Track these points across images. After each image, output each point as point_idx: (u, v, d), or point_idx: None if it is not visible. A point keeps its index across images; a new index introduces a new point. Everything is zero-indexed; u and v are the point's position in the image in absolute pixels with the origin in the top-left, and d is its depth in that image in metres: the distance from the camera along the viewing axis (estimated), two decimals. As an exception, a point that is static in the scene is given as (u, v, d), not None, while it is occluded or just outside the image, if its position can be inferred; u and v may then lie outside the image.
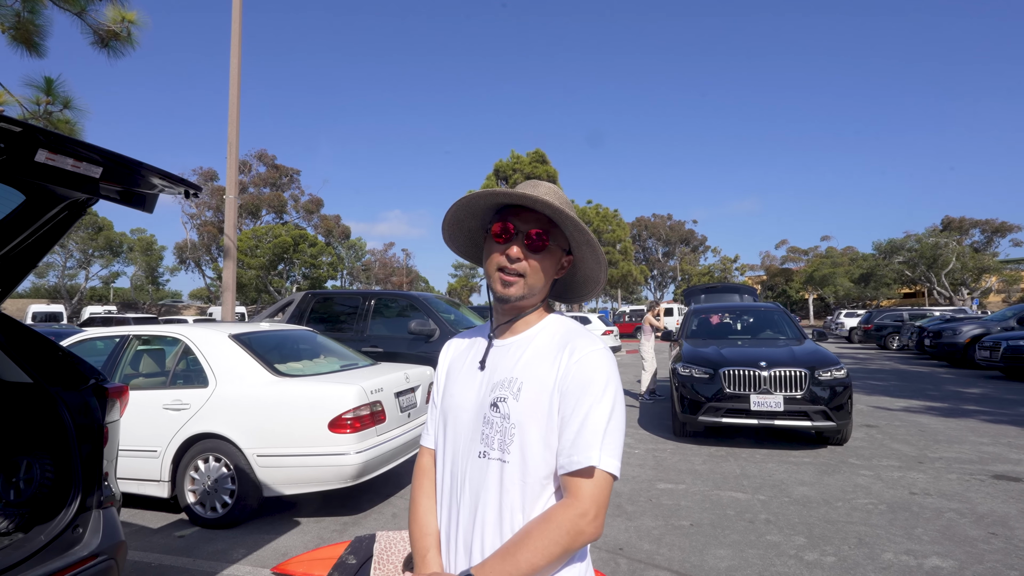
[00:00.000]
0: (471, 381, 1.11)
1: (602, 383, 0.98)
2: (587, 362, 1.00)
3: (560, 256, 1.11)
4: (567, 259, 1.12)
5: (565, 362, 1.01)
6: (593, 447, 0.94)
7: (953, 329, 14.35)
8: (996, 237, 43.14)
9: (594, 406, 0.96)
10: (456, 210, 1.11)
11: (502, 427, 1.01)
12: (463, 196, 1.07)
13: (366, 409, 3.88)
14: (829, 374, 5.65)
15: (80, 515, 2.20)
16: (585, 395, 0.97)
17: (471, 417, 1.06)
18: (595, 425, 0.95)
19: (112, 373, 4.35)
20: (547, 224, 1.06)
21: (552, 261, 1.08)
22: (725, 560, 3.25)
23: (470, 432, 1.06)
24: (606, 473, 0.94)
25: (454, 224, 1.16)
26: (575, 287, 1.21)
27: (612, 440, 0.96)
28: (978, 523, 3.75)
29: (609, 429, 0.96)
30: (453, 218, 1.14)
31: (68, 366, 2.39)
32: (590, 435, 0.95)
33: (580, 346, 1.02)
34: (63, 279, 43.43)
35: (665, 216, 62.21)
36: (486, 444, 1.02)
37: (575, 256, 1.13)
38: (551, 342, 1.06)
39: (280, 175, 46.57)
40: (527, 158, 34.56)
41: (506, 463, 1.00)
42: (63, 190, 2.00)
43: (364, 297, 7.23)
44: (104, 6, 4.67)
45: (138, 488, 4.04)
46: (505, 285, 1.04)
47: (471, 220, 1.16)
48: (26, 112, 4.53)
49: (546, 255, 1.06)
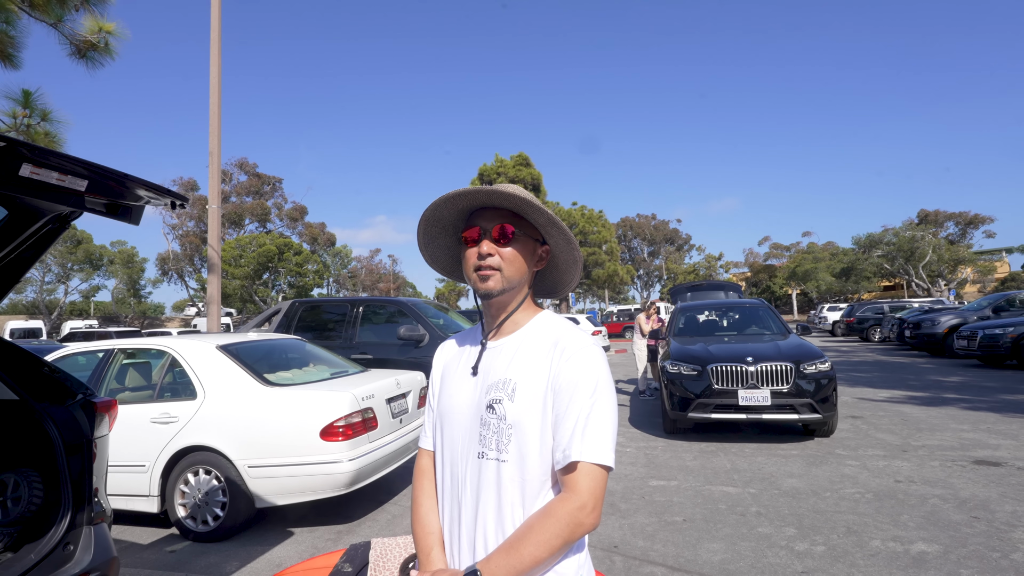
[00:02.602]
0: (465, 384, 1.13)
1: (593, 379, 1.01)
2: (578, 359, 1.02)
3: (534, 246, 1.12)
4: (543, 249, 1.14)
5: (557, 360, 1.03)
6: (587, 442, 0.97)
7: (932, 320, 14.66)
8: (970, 229, 44.16)
9: (586, 402, 0.99)
10: (425, 227, 1.15)
11: (499, 428, 1.03)
12: (423, 212, 1.10)
13: (358, 416, 3.87)
14: (814, 367, 5.76)
15: (71, 532, 2.17)
16: (577, 392, 1.00)
17: (468, 419, 1.09)
18: (588, 420, 0.98)
19: (97, 388, 4.28)
20: (511, 217, 1.09)
21: (525, 250, 1.10)
22: (718, 554, 3.30)
23: (468, 434, 1.08)
24: (601, 466, 0.97)
25: (430, 244, 1.19)
26: (558, 277, 1.22)
27: (605, 434, 0.99)
28: (961, 508, 3.85)
29: (602, 423, 0.99)
30: (425, 237, 1.17)
31: (54, 381, 2.35)
32: (584, 430, 0.98)
33: (570, 344, 1.05)
34: (41, 294, 42.49)
35: (649, 216, 62.70)
36: (484, 445, 1.05)
37: (549, 244, 1.15)
38: (542, 341, 1.09)
39: (262, 183, 46.10)
40: (511, 161, 34.63)
41: (504, 462, 1.02)
42: (47, 204, 1.98)
43: (352, 304, 7.19)
44: (81, 16, 4.61)
45: (127, 504, 3.98)
46: (483, 280, 1.07)
47: (445, 236, 1.19)
48: (2, 126, 4.45)
49: (517, 245, 1.08)
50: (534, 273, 1.15)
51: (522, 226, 1.09)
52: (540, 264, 1.15)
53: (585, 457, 0.96)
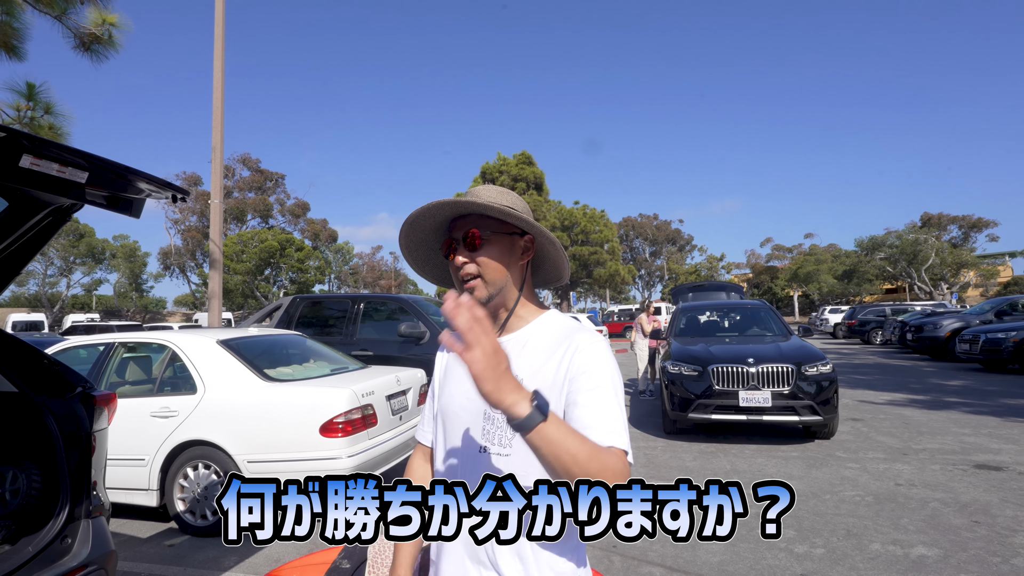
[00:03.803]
0: (467, 380, 1.09)
1: (606, 370, 1.01)
2: (589, 352, 1.02)
3: (513, 241, 1.09)
4: (525, 239, 1.11)
5: (569, 356, 1.03)
6: (607, 429, 0.94)
7: (934, 323, 14.62)
8: (973, 232, 43.99)
9: (599, 392, 0.99)
10: (409, 251, 1.17)
11: (502, 422, 1.03)
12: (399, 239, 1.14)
13: (357, 412, 3.86)
14: (815, 369, 5.74)
15: (68, 525, 2.16)
16: (589, 381, 0.99)
17: (471, 416, 1.08)
18: (604, 409, 0.97)
19: (97, 381, 4.28)
20: (480, 220, 1.07)
21: (502, 249, 1.08)
22: (717, 555, 3.29)
23: (470, 430, 1.08)
24: (622, 450, 0.95)
25: (422, 263, 1.21)
26: (550, 267, 1.20)
27: (621, 422, 0.98)
28: (961, 512, 3.83)
29: (617, 412, 0.98)
30: (415, 259, 1.20)
31: (54, 374, 2.35)
32: (601, 418, 0.96)
33: (581, 339, 1.04)
34: (44, 287, 42.59)
35: (651, 216, 62.61)
36: (487, 439, 1.05)
37: (533, 236, 1.11)
38: (551, 339, 1.08)
39: (265, 179, 46.11)
40: (513, 160, 34.62)
41: (507, 456, 1.02)
42: (48, 195, 1.97)
43: (353, 301, 7.19)
44: (85, 8, 4.60)
45: (126, 497, 3.98)
46: (469, 291, 1.06)
47: (435, 255, 1.21)
48: (6, 118, 4.45)
49: (490, 247, 1.06)
50: (526, 264, 1.13)
51: (492, 225, 1.07)
52: (528, 254, 1.12)
53: (619, 444, 0.94)
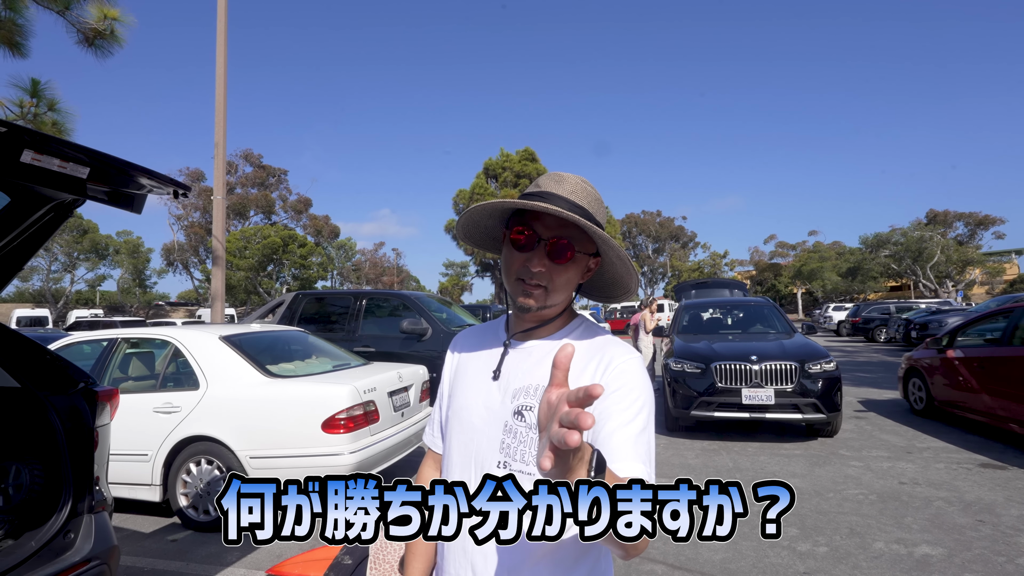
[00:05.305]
0: (483, 386, 1.03)
1: (640, 393, 0.93)
2: (623, 370, 0.94)
3: (586, 261, 0.99)
4: (594, 261, 1.01)
5: (601, 370, 0.94)
6: (631, 457, 0.86)
7: (939, 321, 14.57)
8: (979, 230, 43.73)
9: (630, 415, 0.90)
10: (471, 214, 1.03)
11: (527, 437, 0.93)
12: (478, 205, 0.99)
13: (359, 409, 3.86)
14: (819, 367, 5.71)
15: (71, 520, 2.17)
16: (622, 401, 0.91)
17: (487, 425, 0.99)
18: (635, 440, 0.88)
19: (100, 377, 4.29)
20: (572, 228, 0.95)
21: (579, 268, 0.98)
22: (719, 553, 3.28)
23: (486, 441, 0.98)
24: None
25: (469, 225, 1.07)
26: (603, 287, 1.11)
27: (649, 455, 0.90)
28: (966, 511, 3.81)
29: (646, 445, 0.90)
30: (468, 221, 1.05)
31: (57, 370, 2.35)
32: (631, 451, 0.87)
33: (616, 355, 0.96)
34: (48, 283, 42.76)
35: (654, 213, 62.37)
36: (507, 454, 0.95)
37: (603, 258, 1.01)
38: (583, 349, 0.99)
39: (267, 175, 46.13)
40: (516, 156, 34.55)
41: (530, 475, 0.91)
42: (49, 191, 1.97)
43: (355, 297, 7.19)
44: (88, 4, 4.59)
45: (129, 492, 3.99)
46: (526, 295, 0.96)
47: (487, 219, 1.06)
48: (10, 115, 4.45)
49: (572, 264, 0.96)
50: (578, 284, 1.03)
51: (579, 239, 0.96)
52: (587, 275, 1.02)
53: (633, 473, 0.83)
